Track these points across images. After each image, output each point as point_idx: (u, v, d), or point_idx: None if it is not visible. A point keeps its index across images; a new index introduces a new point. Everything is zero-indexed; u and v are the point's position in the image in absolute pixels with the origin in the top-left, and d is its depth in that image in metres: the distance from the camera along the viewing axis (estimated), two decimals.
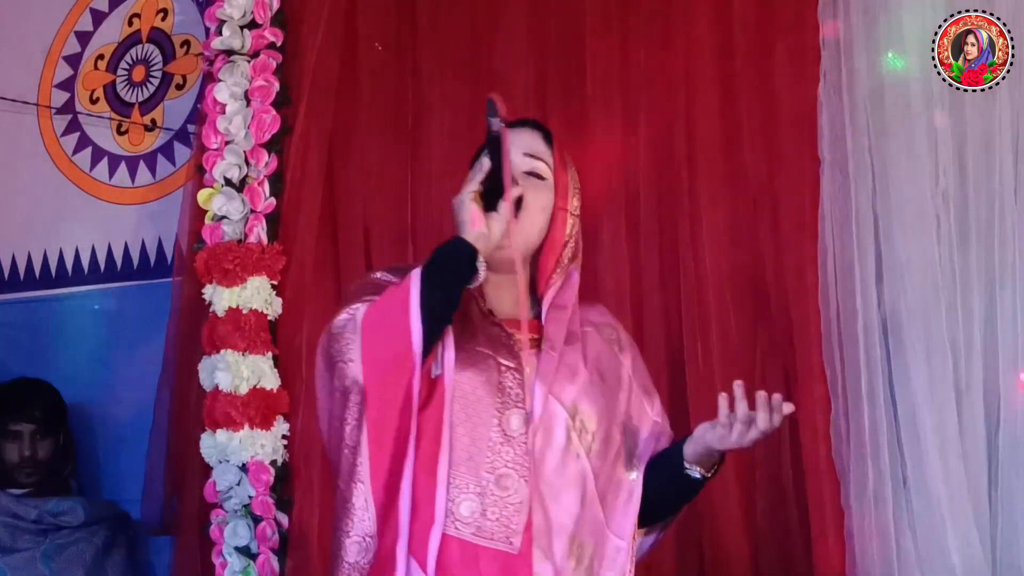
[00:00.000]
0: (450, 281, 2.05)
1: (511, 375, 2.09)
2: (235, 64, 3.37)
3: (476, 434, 2.05)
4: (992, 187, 2.81)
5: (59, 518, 3.42)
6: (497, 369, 2.10)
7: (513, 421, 2.06)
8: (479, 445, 2.05)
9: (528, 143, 2.21)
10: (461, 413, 2.06)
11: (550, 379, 2.11)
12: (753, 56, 3.06)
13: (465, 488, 2.04)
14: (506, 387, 2.08)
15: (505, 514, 2.03)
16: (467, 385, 2.07)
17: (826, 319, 2.90)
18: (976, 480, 2.75)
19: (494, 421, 2.06)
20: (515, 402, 2.08)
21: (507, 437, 2.05)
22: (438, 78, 3.35)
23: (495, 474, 2.04)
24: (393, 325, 2.01)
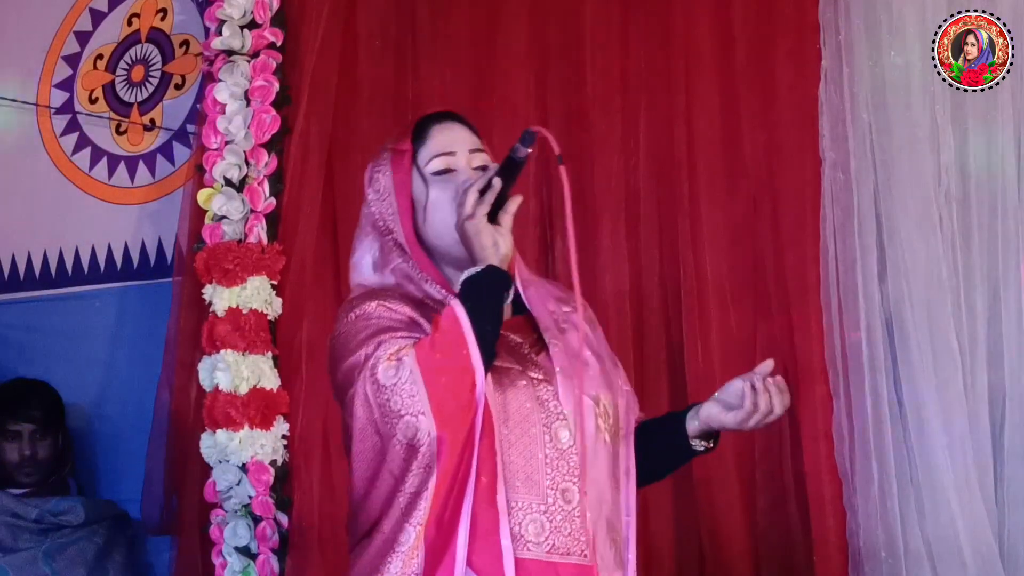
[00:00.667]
0: (495, 310, 2.01)
1: (544, 387, 2.07)
2: (235, 64, 3.37)
3: (529, 453, 2.02)
4: (994, 186, 2.82)
5: (60, 517, 3.42)
6: (532, 384, 2.06)
7: (562, 435, 2.04)
8: (535, 464, 2.02)
9: (467, 138, 2.16)
10: (511, 435, 2.02)
11: (570, 375, 2.08)
12: (754, 56, 3.07)
13: (529, 509, 2.00)
14: (544, 400, 2.05)
15: (575, 527, 2.01)
16: (511, 406, 2.04)
17: (827, 318, 2.90)
18: (982, 476, 2.75)
19: (546, 438, 2.03)
20: (557, 415, 2.05)
21: (560, 451, 2.03)
22: (438, 78, 3.35)
23: (558, 489, 2.01)
24: (455, 370, 1.95)
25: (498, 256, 2.01)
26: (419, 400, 1.95)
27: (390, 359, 1.98)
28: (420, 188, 2.13)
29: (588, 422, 2.06)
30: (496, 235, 2.01)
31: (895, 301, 2.84)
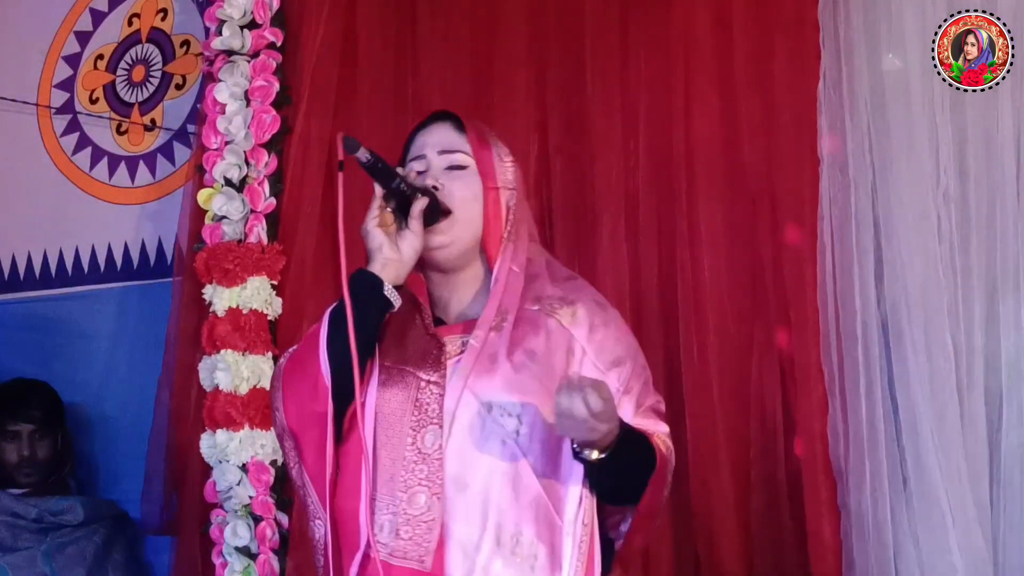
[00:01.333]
0: (364, 313, 2.02)
1: (431, 389, 2.06)
2: (235, 64, 3.37)
3: (395, 454, 2.04)
4: (993, 187, 2.81)
5: (59, 517, 3.43)
6: (416, 385, 2.07)
7: (428, 438, 2.03)
8: (396, 464, 2.03)
9: (440, 139, 2.18)
10: (382, 435, 2.05)
11: (467, 375, 2.06)
12: (753, 56, 3.06)
13: (384, 509, 2.03)
14: (423, 403, 2.06)
15: (418, 532, 2.00)
16: (387, 406, 2.06)
17: (824, 319, 2.90)
18: (977, 479, 2.75)
19: (408, 440, 2.04)
20: (431, 419, 2.04)
21: (422, 455, 2.02)
22: (438, 78, 3.35)
23: (408, 492, 2.01)
24: (307, 372, 2.04)
25: (378, 260, 2.04)
26: (278, 397, 2.09)
27: (281, 359, 2.14)
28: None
29: (475, 425, 2.03)
30: (382, 239, 2.04)
31: (892, 302, 2.84)
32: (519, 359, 2.08)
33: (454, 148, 2.17)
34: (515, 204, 2.19)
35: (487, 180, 2.16)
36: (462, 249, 2.14)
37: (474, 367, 2.06)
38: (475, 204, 2.14)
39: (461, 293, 2.17)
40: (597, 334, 2.14)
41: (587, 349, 2.12)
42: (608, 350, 2.13)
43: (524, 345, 2.09)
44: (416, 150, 2.19)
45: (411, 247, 2.06)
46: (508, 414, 2.04)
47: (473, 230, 2.15)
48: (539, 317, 2.12)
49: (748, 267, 3.04)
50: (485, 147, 2.19)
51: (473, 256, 2.16)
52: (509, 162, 2.22)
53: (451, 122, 2.20)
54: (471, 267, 2.17)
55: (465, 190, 2.14)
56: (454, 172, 2.16)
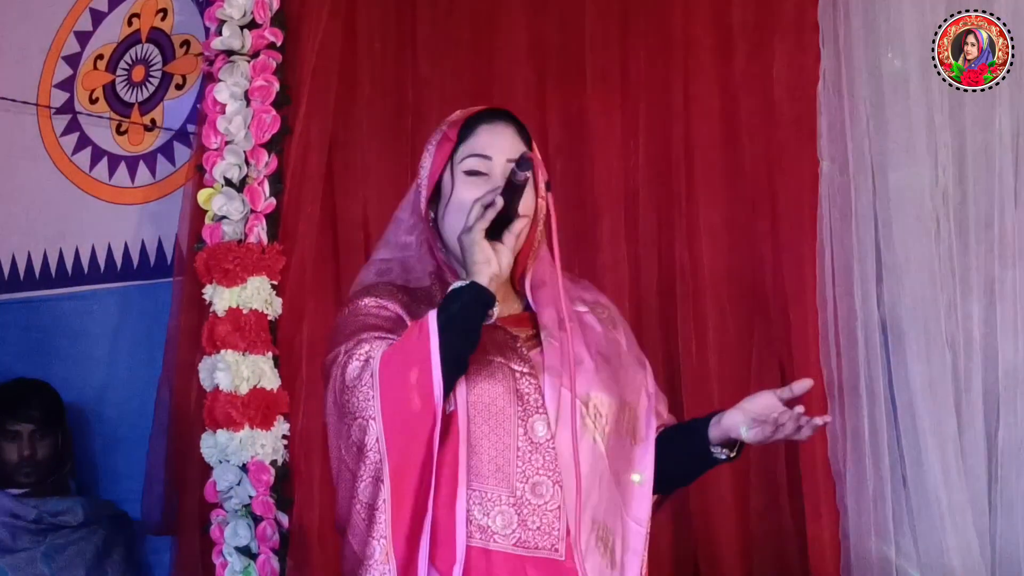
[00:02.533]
0: (470, 329, 2.01)
1: (527, 380, 2.07)
2: (235, 64, 3.37)
3: (502, 444, 2.03)
4: (992, 187, 2.81)
5: (59, 518, 3.42)
6: (512, 376, 2.07)
7: (539, 428, 2.04)
8: (507, 456, 2.03)
9: (511, 145, 2.14)
10: (484, 426, 2.03)
11: (559, 371, 2.08)
12: (753, 56, 3.07)
13: (498, 500, 2.02)
14: (523, 393, 2.06)
15: (546, 521, 2.01)
16: (487, 396, 2.05)
17: (823, 318, 2.90)
18: (976, 479, 2.75)
19: (520, 431, 2.04)
20: (536, 408, 2.05)
21: (534, 444, 2.03)
22: (438, 78, 3.35)
23: (529, 483, 2.02)
24: (415, 384, 1.97)
25: (487, 273, 2.02)
26: (373, 405, 1.99)
27: (359, 358, 2.02)
28: (448, 181, 2.15)
29: (569, 418, 2.05)
30: (491, 252, 2.02)
31: (891, 302, 2.84)
32: (597, 359, 2.13)
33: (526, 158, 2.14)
34: (543, 202, 2.18)
35: (536, 190, 2.16)
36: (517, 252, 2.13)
37: (562, 364, 2.08)
38: (527, 218, 2.13)
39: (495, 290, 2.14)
40: (629, 335, 2.26)
41: (628, 352, 2.21)
42: (636, 349, 2.25)
43: (596, 346, 2.15)
44: (481, 147, 2.14)
45: (507, 263, 2.05)
46: (598, 411, 2.09)
47: (522, 241, 2.14)
48: (591, 319, 2.19)
49: (747, 267, 3.05)
50: (537, 158, 2.18)
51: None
52: (541, 165, 2.19)
53: (515, 127, 2.18)
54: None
55: (527, 206, 2.12)
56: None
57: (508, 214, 2.05)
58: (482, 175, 2.12)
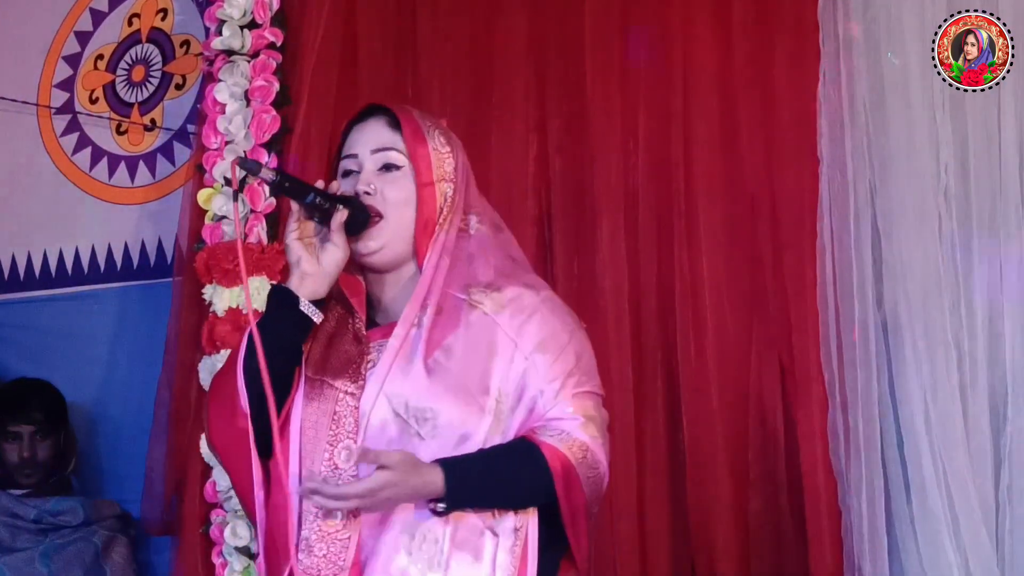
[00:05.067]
0: (277, 329, 2.02)
1: (348, 401, 2.03)
2: (235, 64, 3.37)
3: (312, 469, 2.00)
4: (994, 186, 2.81)
5: (58, 518, 3.42)
6: (334, 398, 2.03)
7: (343, 453, 2.00)
8: (313, 479, 1.97)
9: (373, 137, 2.12)
10: (303, 450, 2.02)
11: (383, 376, 2.02)
12: (753, 55, 3.07)
13: (303, 525, 2.00)
14: (340, 416, 2.02)
15: (332, 550, 1.97)
16: (308, 420, 2.04)
17: (824, 319, 2.89)
18: (981, 479, 2.74)
19: (326, 455, 2.01)
20: (348, 433, 2.01)
21: (338, 471, 1.99)
22: (438, 78, 3.35)
23: (321, 508, 1.97)
24: (227, 391, 2.03)
25: (296, 274, 2.04)
26: (205, 416, 2.11)
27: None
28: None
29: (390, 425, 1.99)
30: (299, 251, 2.03)
31: (891, 301, 2.84)
32: (434, 359, 2.03)
33: (387, 146, 2.11)
34: (452, 194, 2.12)
35: (421, 176, 2.10)
36: (395, 252, 2.10)
37: (391, 368, 2.02)
38: (408, 205, 2.09)
39: (395, 291, 2.12)
40: (518, 318, 2.06)
41: (512, 336, 2.04)
42: (531, 335, 2.05)
43: (442, 343, 2.04)
44: (348, 147, 2.14)
45: (332, 259, 2.03)
46: (419, 418, 1.99)
47: (406, 232, 2.10)
48: (462, 308, 2.07)
49: (748, 267, 3.04)
50: (420, 141, 2.12)
51: (408, 255, 2.11)
52: (447, 152, 2.14)
53: (386, 117, 2.14)
54: (406, 265, 2.12)
55: (398, 192, 2.09)
56: (387, 174, 2.10)
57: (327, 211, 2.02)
58: (353, 173, 2.11)
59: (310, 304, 2.04)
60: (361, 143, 2.13)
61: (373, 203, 2.08)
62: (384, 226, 2.08)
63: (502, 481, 1.99)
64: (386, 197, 2.08)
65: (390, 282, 2.12)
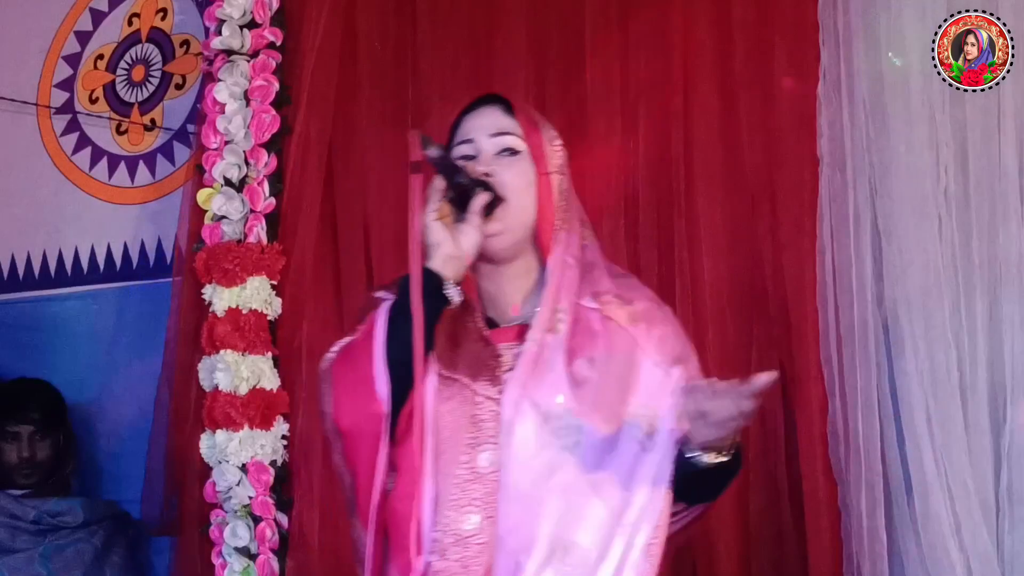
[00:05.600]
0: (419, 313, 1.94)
1: (488, 406, 1.99)
2: (235, 64, 3.37)
3: (447, 471, 1.96)
4: (994, 186, 2.81)
5: (58, 518, 3.42)
6: (472, 400, 2.00)
7: (483, 457, 1.96)
8: (448, 481, 1.95)
9: (491, 122, 2.11)
10: (436, 449, 1.97)
11: (524, 382, 1.99)
12: (753, 55, 3.06)
13: (433, 526, 1.95)
14: (480, 420, 1.99)
15: (467, 554, 1.94)
16: (443, 419, 1.98)
17: (823, 319, 2.89)
18: (981, 479, 2.74)
19: (463, 459, 1.97)
20: (488, 437, 1.97)
21: (476, 475, 1.96)
22: (438, 78, 3.35)
23: (459, 512, 1.95)
24: (361, 371, 1.95)
25: (438, 256, 1.97)
26: (327, 400, 2.01)
27: (331, 351, 2.03)
28: None
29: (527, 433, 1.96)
30: (443, 233, 1.98)
31: (892, 301, 2.84)
32: (579, 368, 2.01)
33: (505, 131, 2.10)
34: (566, 189, 2.13)
35: (539, 165, 2.10)
36: (516, 238, 2.07)
37: (531, 374, 1.99)
38: (528, 191, 2.08)
39: (513, 287, 2.10)
40: (656, 331, 2.08)
41: (648, 348, 2.05)
42: (670, 347, 2.08)
43: (584, 352, 2.03)
44: (464, 133, 2.12)
45: (471, 242, 2.00)
46: (568, 426, 1.97)
47: (526, 218, 2.08)
48: (598, 318, 2.06)
49: (748, 267, 3.04)
50: (535, 130, 2.13)
51: (526, 246, 2.09)
52: (558, 145, 2.15)
53: (500, 105, 2.13)
54: (523, 258, 2.10)
55: (518, 177, 2.07)
56: (506, 158, 2.09)
57: (468, 193, 2.00)
58: (471, 158, 2.08)
59: (453, 286, 1.99)
60: (478, 128, 2.11)
61: (494, 186, 2.05)
62: (506, 209, 2.05)
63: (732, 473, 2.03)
64: (506, 181, 2.06)
65: (507, 275, 2.09)
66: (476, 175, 2.04)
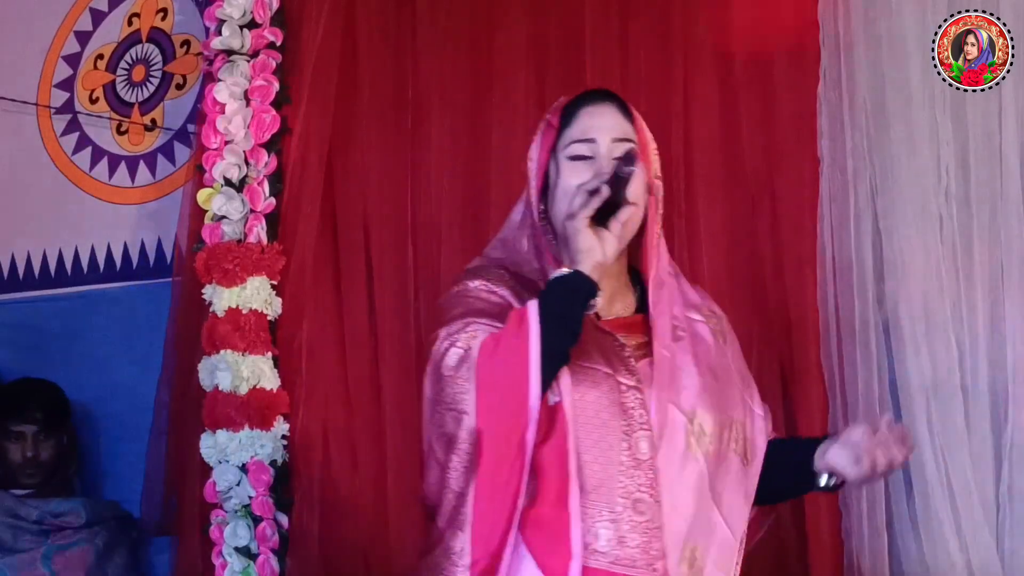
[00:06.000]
0: (571, 318, 1.97)
1: (632, 394, 2.02)
2: (235, 64, 3.37)
3: (606, 459, 1.97)
4: (995, 186, 2.81)
5: (61, 519, 3.42)
6: (618, 389, 2.02)
7: (642, 445, 1.99)
8: (610, 471, 1.97)
9: (614, 124, 2.11)
10: (587, 439, 1.98)
11: (666, 386, 2.04)
12: (753, 55, 3.06)
13: (599, 516, 1.97)
14: (629, 408, 2.01)
15: (645, 540, 1.97)
16: (590, 409, 1.99)
17: (824, 318, 2.90)
18: (982, 479, 2.74)
19: (624, 445, 1.99)
20: (640, 424, 2.00)
21: (637, 461, 1.98)
22: (438, 77, 3.35)
23: (630, 499, 1.97)
24: (512, 379, 1.93)
25: (591, 261, 1.97)
26: (467, 400, 1.95)
27: (459, 346, 1.98)
28: (554, 169, 2.12)
29: (677, 439, 2.02)
30: (594, 239, 1.98)
31: (893, 301, 2.84)
32: (706, 374, 2.09)
33: (627, 136, 2.11)
34: (662, 194, 2.16)
35: (650, 172, 2.12)
36: (626, 242, 2.10)
37: (671, 378, 2.05)
38: (643, 198, 2.10)
39: (606, 284, 2.08)
40: (737, 351, 2.22)
41: (735, 369, 2.18)
42: (743, 363, 2.21)
43: (707, 361, 2.11)
44: (584, 131, 2.11)
45: (613, 250, 2.01)
46: (703, 429, 2.05)
47: (636, 223, 2.10)
48: (705, 330, 2.15)
49: (748, 267, 3.04)
50: (644, 136, 2.14)
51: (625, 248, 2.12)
52: (656, 150, 2.17)
53: (618, 105, 2.14)
54: (620, 259, 2.12)
55: (639, 185, 2.08)
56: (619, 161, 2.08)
57: (616, 201, 2.00)
58: (587, 159, 2.09)
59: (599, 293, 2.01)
60: (600, 129, 2.11)
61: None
62: (630, 214, 2.05)
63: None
64: (632, 189, 2.05)
65: (606, 274, 2.07)
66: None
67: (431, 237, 3.28)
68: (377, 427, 3.26)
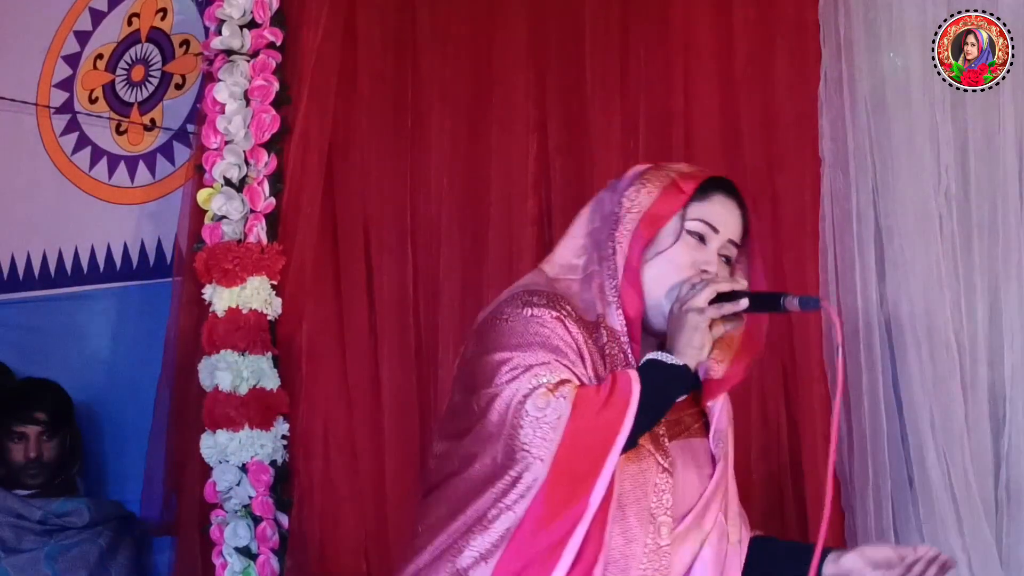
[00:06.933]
0: (663, 407, 1.96)
1: (664, 477, 1.98)
2: (235, 64, 3.37)
3: (630, 535, 1.94)
4: (994, 186, 2.81)
5: (64, 519, 3.42)
6: (654, 469, 1.98)
7: (664, 531, 1.96)
8: (634, 548, 1.93)
9: (736, 226, 2.08)
10: (618, 511, 1.93)
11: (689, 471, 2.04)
12: (753, 56, 3.06)
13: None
14: (659, 490, 1.97)
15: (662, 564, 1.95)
16: (628, 482, 1.94)
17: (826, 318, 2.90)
18: (982, 479, 2.74)
19: (650, 527, 1.95)
20: (665, 509, 1.97)
21: (658, 546, 1.95)
22: (438, 78, 3.35)
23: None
24: (599, 440, 1.88)
25: (698, 359, 1.96)
26: (548, 446, 1.88)
27: (549, 390, 1.89)
28: (669, 233, 2.04)
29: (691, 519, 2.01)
30: (708, 341, 1.96)
31: (894, 301, 2.84)
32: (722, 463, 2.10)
33: (737, 242, 2.08)
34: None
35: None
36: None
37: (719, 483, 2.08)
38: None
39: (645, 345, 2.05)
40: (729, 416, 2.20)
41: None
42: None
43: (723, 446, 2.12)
44: (713, 216, 2.05)
45: (708, 351, 1.99)
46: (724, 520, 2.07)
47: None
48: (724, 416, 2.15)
49: None
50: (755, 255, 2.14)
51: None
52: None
53: (741, 206, 2.10)
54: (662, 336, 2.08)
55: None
56: (724, 264, 2.07)
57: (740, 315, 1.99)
58: (701, 242, 2.04)
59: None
60: (726, 223, 2.06)
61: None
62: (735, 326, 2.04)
63: None
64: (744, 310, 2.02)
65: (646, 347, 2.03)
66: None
67: (431, 237, 3.28)
68: (377, 427, 3.26)
